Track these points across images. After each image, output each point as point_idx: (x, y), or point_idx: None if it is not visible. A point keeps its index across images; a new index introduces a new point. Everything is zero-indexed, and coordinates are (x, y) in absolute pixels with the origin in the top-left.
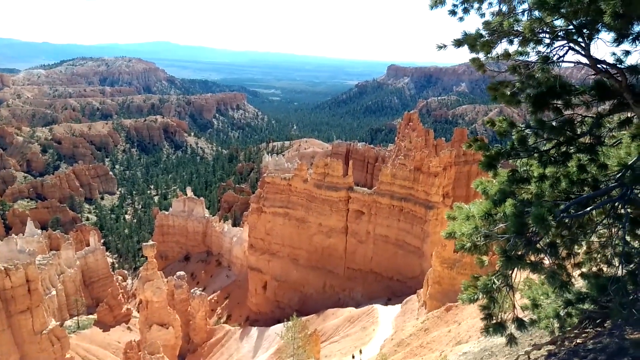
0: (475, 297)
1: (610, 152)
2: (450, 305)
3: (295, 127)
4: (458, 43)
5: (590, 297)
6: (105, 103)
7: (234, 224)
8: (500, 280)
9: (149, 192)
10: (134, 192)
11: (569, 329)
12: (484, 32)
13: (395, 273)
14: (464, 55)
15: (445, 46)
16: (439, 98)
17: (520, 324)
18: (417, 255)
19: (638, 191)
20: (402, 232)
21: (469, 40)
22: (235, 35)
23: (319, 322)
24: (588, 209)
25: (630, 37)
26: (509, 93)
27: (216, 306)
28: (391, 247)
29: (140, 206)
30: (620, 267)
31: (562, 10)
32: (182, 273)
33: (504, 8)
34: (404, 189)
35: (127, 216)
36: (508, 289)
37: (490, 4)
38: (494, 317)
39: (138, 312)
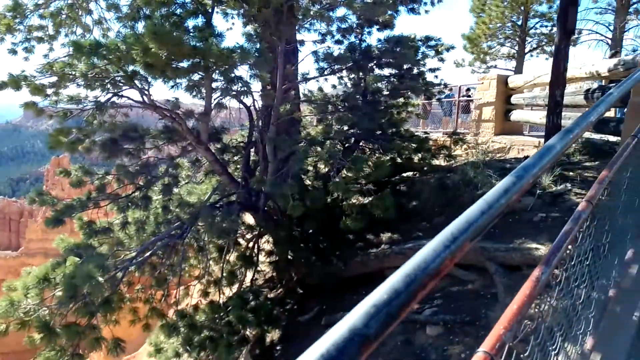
0: None
1: (195, 189)
2: (129, 357)
3: None
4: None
5: (205, 325)
6: None
7: None
8: (66, 354)
9: None
10: None
11: None
12: (35, 74)
13: None
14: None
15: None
16: None
17: None
18: None
19: (201, 225)
20: None
21: (11, 83)
22: None
23: None
24: (148, 253)
25: (174, 85)
26: (66, 140)
27: None
28: None
29: None
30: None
31: (110, 57)
32: None
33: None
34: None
35: None
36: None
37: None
38: None
39: None
